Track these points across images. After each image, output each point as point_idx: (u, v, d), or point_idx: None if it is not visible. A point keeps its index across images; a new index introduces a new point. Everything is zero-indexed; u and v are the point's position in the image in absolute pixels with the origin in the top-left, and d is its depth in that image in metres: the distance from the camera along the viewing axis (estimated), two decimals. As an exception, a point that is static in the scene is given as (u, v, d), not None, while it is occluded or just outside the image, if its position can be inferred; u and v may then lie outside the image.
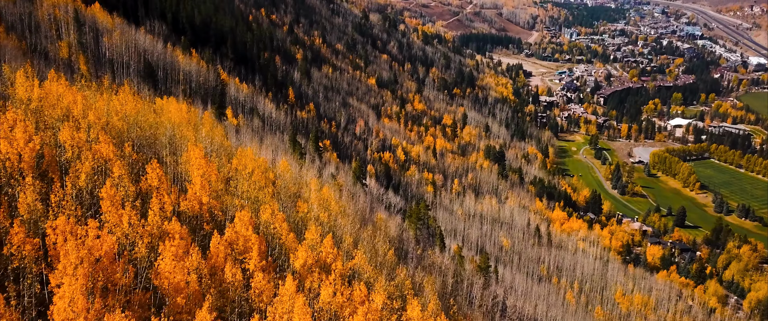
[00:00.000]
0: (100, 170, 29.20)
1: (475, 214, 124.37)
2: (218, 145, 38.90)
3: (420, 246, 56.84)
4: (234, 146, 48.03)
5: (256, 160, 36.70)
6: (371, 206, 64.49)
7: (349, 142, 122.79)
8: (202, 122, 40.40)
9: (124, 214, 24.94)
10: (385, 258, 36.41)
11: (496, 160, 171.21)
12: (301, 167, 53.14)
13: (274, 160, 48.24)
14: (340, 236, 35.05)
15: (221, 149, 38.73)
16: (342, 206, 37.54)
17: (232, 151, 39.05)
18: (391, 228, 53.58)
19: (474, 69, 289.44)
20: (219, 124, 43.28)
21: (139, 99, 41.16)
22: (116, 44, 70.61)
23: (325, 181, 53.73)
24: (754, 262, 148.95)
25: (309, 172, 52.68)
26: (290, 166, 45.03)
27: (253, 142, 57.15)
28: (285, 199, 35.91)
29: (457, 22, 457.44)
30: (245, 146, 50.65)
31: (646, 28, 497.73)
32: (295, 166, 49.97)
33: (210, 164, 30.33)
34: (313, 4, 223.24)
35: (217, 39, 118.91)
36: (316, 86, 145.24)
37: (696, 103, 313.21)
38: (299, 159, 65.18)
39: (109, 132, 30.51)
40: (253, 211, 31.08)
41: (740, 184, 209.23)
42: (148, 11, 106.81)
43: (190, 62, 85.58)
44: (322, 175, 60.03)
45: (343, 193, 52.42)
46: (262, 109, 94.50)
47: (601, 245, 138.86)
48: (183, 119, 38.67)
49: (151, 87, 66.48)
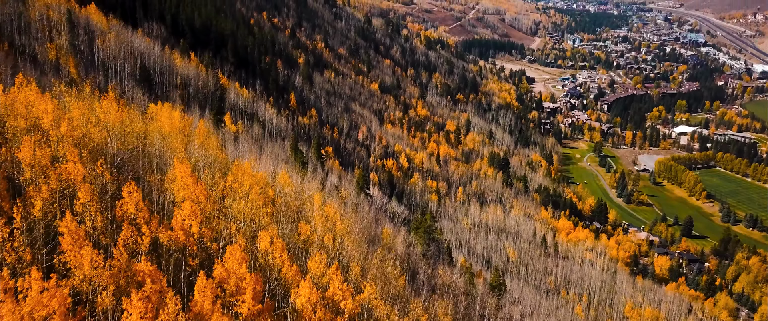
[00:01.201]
0: (68, 195, 25.01)
1: (480, 223, 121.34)
2: (212, 159, 35.54)
3: (429, 264, 53.97)
4: (232, 156, 45.08)
5: (254, 175, 33.43)
6: (376, 218, 61.64)
7: (352, 149, 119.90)
8: (196, 132, 37.16)
9: (85, 253, 20.75)
10: (397, 284, 33.50)
11: (501, 168, 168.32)
12: (303, 178, 50.14)
13: (274, 172, 45.16)
14: (346, 262, 32.07)
15: (215, 163, 35.41)
16: (347, 225, 34.49)
17: (228, 165, 35.95)
18: (399, 244, 50.65)
19: (477, 75, 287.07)
20: (214, 134, 40.01)
21: (125, 106, 37.76)
22: (110, 47, 67.90)
23: (328, 194, 50.84)
24: (764, 273, 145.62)
25: (311, 183, 49.71)
26: (291, 177, 42.02)
27: (251, 152, 54.16)
28: (285, 219, 32.84)
29: (459, 27, 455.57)
30: (243, 157, 47.64)
31: (649, 34, 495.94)
32: (296, 178, 46.99)
33: (199, 184, 27.08)
34: (316, 8, 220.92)
35: (218, 42, 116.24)
36: (318, 91, 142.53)
37: (700, 110, 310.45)
38: (301, 168, 62.32)
39: (85, 146, 27.33)
40: (250, 236, 27.97)
41: (747, 194, 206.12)
42: (146, 13, 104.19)
43: (188, 66, 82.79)
44: (324, 186, 57.11)
45: (347, 206, 49.55)
46: (262, 114, 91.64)
47: (608, 256, 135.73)
48: (175, 128, 35.44)
49: (147, 92, 63.66)
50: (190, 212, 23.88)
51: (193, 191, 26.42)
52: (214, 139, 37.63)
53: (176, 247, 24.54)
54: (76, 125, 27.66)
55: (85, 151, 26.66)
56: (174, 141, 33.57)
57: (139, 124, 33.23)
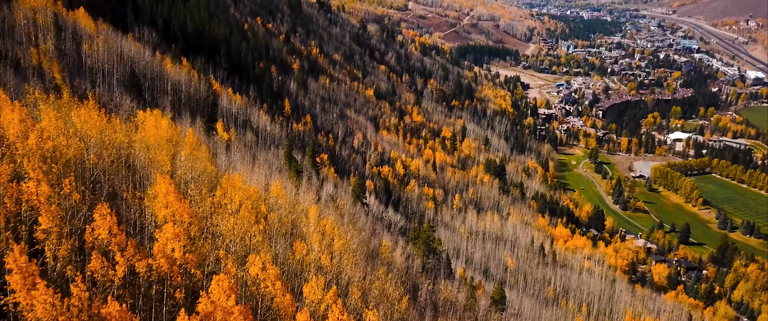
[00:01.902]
0: (27, 220, 21.58)
1: (477, 231, 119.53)
2: (200, 171, 33.35)
3: (430, 278, 52.08)
4: (223, 166, 43.05)
5: (245, 189, 31.27)
6: (373, 229, 59.69)
7: (347, 156, 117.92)
8: (185, 141, 34.89)
9: (37, 293, 17.32)
10: (400, 307, 31.47)
11: (497, 175, 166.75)
12: (298, 189, 48.11)
13: (267, 183, 43.04)
14: (345, 284, 29.98)
15: (204, 176, 33.23)
16: (345, 241, 32.43)
17: (218, 177, 33.75)
18: (397, 257, 48.72)
19: (472, 81, 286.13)
20: (204, 143, 37.81)
21: (108, 114, 35.35)
22: (98, 52, 65.74)
23: (324, 205, 48.84)
24: (762, 281, 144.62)
25: (307, 194, 47.67)
26: (285, 188, 39.96)
27: (244, 161, 51.95)
28: (279, 237, 30.69)
29: (454, 33, 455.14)
30: (235, 167, 45.55)
31: (643, 41, 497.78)
32: (290, 189, 44.98)
33: (183, 202, 24.83)
34: (311, 14, 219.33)
35: (211, 48, 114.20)
36: (313, 97, 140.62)
37: (695, 116, 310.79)
38: (295, 177, 60.34)
39: (55, 161, 25.07)
40: (240, 258, 25.78)
41: (743, 200, 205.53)
42: (137, 18, 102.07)
43: (179, 72, 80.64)
44: (320, 197, 55.08)
45: (344, 219, 47.57)
46: (256, 121, 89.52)
47: (606, 264, 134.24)
48: (161, 138, 33.13)
49: (135, 99, 61.53)
50: (173, 235, 21.58)
51: (177, 210, 24.07)
52: (204, 150, 35.39)
53: (158, 276, 21.72)
54: (47, 136, 25.24)
55: (56, 167, 24.30)
56: (159, 152, 31.19)
57: (121, 134, 30.90)
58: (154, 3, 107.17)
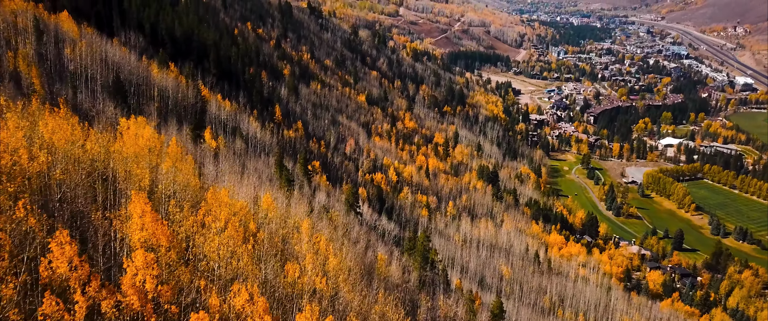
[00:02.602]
0: None
1: (472, 239, 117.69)
2: (184, 185, 30.91)
3: (427, 294, 50.06)
4: (211, 176, 40.80)
5: (232, 204, 28.93)
6: (368, 239, 57.63)
7: (340, 163, 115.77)
8: (168, 152, 32.40)
9: None
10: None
11: (490, 181, 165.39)
12: (289, 200, 45.88)
13: (256, 195, 40.73)
14: (341, 310, 27.76)
15: (187, 191, 30.78)
16: (340, 259, 30.22)
17: (204, 190, 31.35)
18: (394, 272, 46.62)
19: (464, 87, 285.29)
20: (189, 154, 35.41)
21: (83, 122, 32.74)
22: (81, 56, 63.26)
23: (317, 218, 46.65)
24: (757, 288, 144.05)
25: (299, 205, 45.43)
26: (276, 200, 37.73)
27: (233, 170, 49.61)
28: (269, 257, 28.40)
29: (445, 39, 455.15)
30: (223, 177, 43.24)
31: (632, 47, 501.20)
32: (281, 200, 42.73)
33: (161, 223, 22.48)
34: (302, 19, 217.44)
35: (200, 53, 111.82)
36: (305, 103, 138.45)
37: (685, 122, 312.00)
38: (287, 187, 58.14)
39: (12, 178, 22.40)
40: (224, 285, 23.49)
41: (736, 206, 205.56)
42: (124, 22, 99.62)
43: (166, 77, 78.22)
44: (312, 208, 52.89)
45: (337, 230, 45.48)
46: (245, 128, 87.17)
47: (601, 271, 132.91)
48: (142, 148, 30.71)
49: (120, 105, 59.09)
50: (144, 264, 19.13)
51: (154, 232, 21.78)
52: (189, 161, 32.99)
53: (129, 315, 18.87)
54: (3, 150, 22.70)
55: (13, 185, 21.67)
56: (139, 164, 28.73)
57: (97, 145, 28.33)
58: (140, 7, 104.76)
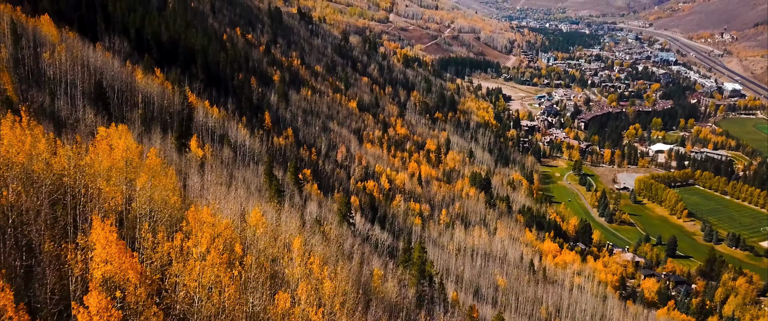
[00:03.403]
0: None
1: (466, 248, 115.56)
2: (161, 203, 28.12)
3: (427, 313, 47.67)
4: (195, 188, 38.17)
5: (216, 225, 26.22)
6: (362, 254, 55.22)
7: (331, 171, 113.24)
8: (147, 164, 29.58)
9: None
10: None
11: (483, 188, 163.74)
12: (280, 214, 43.30)
13: (244, 209, 38.06)
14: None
15: (165, 209, 27.99)
16: (336, 286, 27.66)
17: (186, 206, 28.66)
18: (390, 289, 44.23)
19: (455, 93, 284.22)
20: (169, 167, 32.62)
21: (47, 132, 29.60)
22: (61, 61, 60.44)
23: (309, 232, 44.14)
24: (752, 295, 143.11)
25: (290, 219, 42.90)
26: (265, 215, 35.18)
27: (219, 182, 46.99)
28: (257, 284, 25.74)
29: (435, 46, 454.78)
30: (208, 191, 40.54)
31: (621, 53, 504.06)
32: (271, 215, 40.17)
33: (129, 255, 19.70)
34: (292, 25, 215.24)
35: (187, 58, 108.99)
36: (295, 110, 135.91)
37: (675, 128, 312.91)
38: (277, 198, 55.63)
39: None
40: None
41: (727, 212, 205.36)
42: (108, 27, 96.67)
43: (151, 83, 75.39)
44: (304, 219, 50.29)
45: (331, 244, 43.09)
46: (234, 135, 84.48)
47: (596, 279, 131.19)
48: (118, 161, 27.84)
49: (101, 112, 56.30)
50: (98, 308, 16.02)
51: (120, 267, 19.04)
52: (170, 174, 30.23)
53: None
54: None
55: None
56: (112, 180, 25.97)
57: (63, 159, 25.40)
58: (126, 12, 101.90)
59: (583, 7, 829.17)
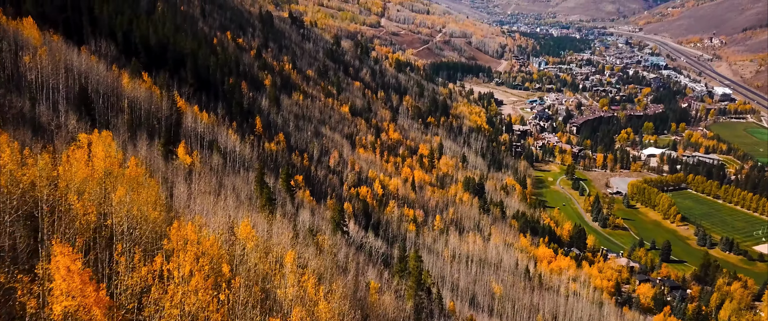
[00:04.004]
0: None
1: (461, 255, 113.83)
2: (140, 219, 25.73)
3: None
4: (181, 199, 36.07)
5: (200, 243, 23.99)
6: (357, 264, 53.29)
7: (324, 177, 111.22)
8: (126, 175, 27.19)
9: None
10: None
11: (476, 193, 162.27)
12: (271, 225, 41.23)
13: (234, 221, 35.85)
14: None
15: (145, 226, 25.63)
16: (332, 308, 25.70)
17: (170, 219, 26.51)
18: (387, 302, 42.31)
19: (447, 97, 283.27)
20: (151, 178, 30.26)
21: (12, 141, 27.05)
22: (42, 65, 58.10)
23: (302, 243, 42.18)
24: (747, 300, 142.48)
25: (281, 229, 40.81)
26: (256, 228, 33.16)
27: (208, 191, 44.88)
28: (247, 309, 23.56)
29: (427, 50, 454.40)
30: (195, 201, 38.44)
31: (612, 58, 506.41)
32: (262, 226, 38.16)
33: (92, 287, 17.25)
34: (283, 29, 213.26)
35: (176, 62, 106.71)
36: (286, 114, 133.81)
37: (667, 132, 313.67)
38: (268, 207, 53.60)
39: None
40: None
41: (720, 216, 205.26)
42: (95, 30, 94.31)
43: (138, 88, 73.09)
44: (297, 230, 48.27)
45: (325, 256, 41.14)
46: (223, 141, 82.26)
47: (592, 285, 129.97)
48: (97, 171, 25.49)
49: (84, 118, 53.98)
50: None
51: (82, 300, 16.76)
52: (152, 185, 27.95)
53: None
54: None
55: None
56: (87, 193, 23.70)
57: (37, 170, 22.97)
58: (113, 15, 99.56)
59: (573, 12, 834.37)
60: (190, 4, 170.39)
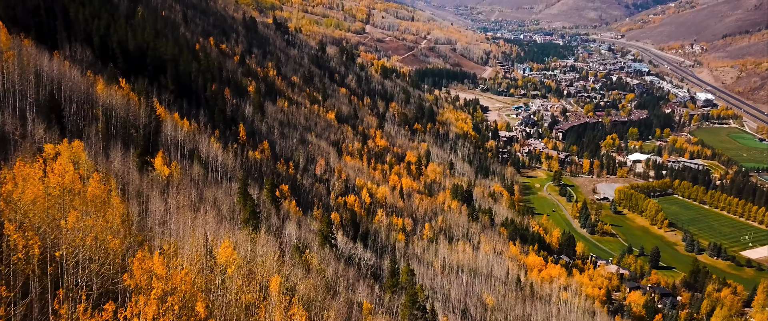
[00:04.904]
0: None
1: (451, 264, 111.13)
2: (96, 248, 21.94)
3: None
4: (157, 215, 32.75)
5: (170, 277, 20.52)
6: (348, 281, 50.28)
7: (310, 186, 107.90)
8: (88, 191, 23.72)
9: None
10: None
11: (464, 201, 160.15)
12: (255, 242, 37.90)
13: (212, 241, 32.56)
14: None
15: (102, 257, 21.57)
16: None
17: (137, 245, 23.10)
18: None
19: (433, 104, 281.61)
20: (115, 196, 26.74)
21: None
22: (8, 70, 54.26)
23: (289, 260, 39.13)
24: (738, 307, 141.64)
25: (266, 248, 37.43)
26: (239, 248, 30.01)
27: (186, 205, 41.44)
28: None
29: (412, 57, 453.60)
30: (171, 217, 35.06)
31: (595, 64, 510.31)
32: (245, 246, 34.89)
33: None
34: (267, 35, 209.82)
35: (156, 68, 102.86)
36: (271, 122, 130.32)
37: (651, 138, 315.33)
38: (252, 221, 50.34)
39: None
40: None
41: (707, 221, 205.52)
42: (70, 34, 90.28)
43: (114, 94, 69.33)
44: (282, 247, 44.92)
45: (313, 275, 38.10)
46: (205, 150, 78.66)
47: (583, 294, 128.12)
48: (52, 186, 21.90)
49: (54, 127, 50.26)
50: None
51: None
52: (116, 205, 24.50)
53: None
54: None
55: None
56: (31, 217, 20.02)
57: None
58: (89, 18, 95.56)
59: (556, 19, 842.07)
60: (171, 9, 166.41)
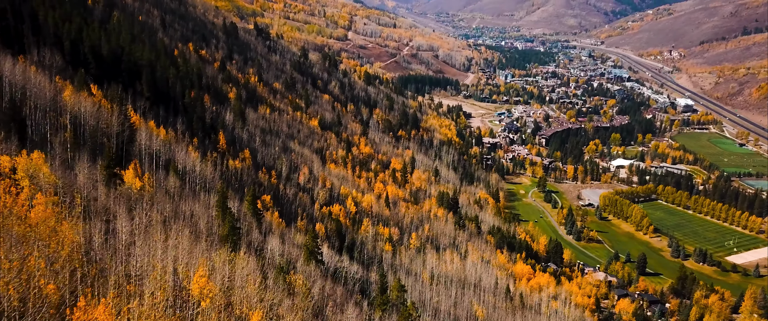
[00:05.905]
0: None
1: (439, 275, 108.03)
2: (31, 292, 17.97)
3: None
4: (123, 236, 29.06)
5: None
6: (335, 301, 46.87)
7: (293, 196, 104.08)
8: (30, 218, 19.81)
9: None
10: None
11: (450, 208, 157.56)
12: (234, 264, 34.28)
13: (184, 271, 28.96)
14: None
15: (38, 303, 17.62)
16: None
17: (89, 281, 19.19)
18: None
19: (417, 110, 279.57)
20: (65, 224, 22.98)
21: None
22: (-37, 75, 50.05)
23: (272, 284, 35.67)
24: (726, 313, 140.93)
25: (246, 271, 33.82)
26: (215, 274, 26.60)
27: (159, 222, 37.67)
28: None
29: (394, 63, 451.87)
30: (139, 238, 31.25)
31: (576, 70, 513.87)
32: (223, 267, 31.38)
33: None
34: (248, 41, 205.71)
35: (131, 74, 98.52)
36: (252, 129, 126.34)
37: (634, 143, 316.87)
38: (231, 237, 46.73)
39: None
40: None
41: (692, 227, 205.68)
42: (38, 38, 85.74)
43: (84, 101, 65.07)
44: (264, 268, 41.31)
45: (300, 298, 34.75)
46: (182, 160, 74.53)
47: (572, 303, 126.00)
48: None
49: (13, 137, 46.10)
50: None
51: None
52: (66, 231, 20.74)
53: None
54: None
55: None
56: None
57: None
58: (60, 22, 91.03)
59: (536, 26, 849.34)
60: (149, 14, 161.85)
